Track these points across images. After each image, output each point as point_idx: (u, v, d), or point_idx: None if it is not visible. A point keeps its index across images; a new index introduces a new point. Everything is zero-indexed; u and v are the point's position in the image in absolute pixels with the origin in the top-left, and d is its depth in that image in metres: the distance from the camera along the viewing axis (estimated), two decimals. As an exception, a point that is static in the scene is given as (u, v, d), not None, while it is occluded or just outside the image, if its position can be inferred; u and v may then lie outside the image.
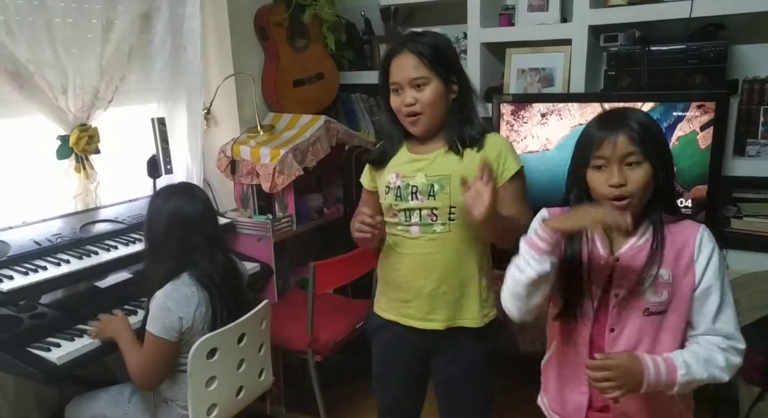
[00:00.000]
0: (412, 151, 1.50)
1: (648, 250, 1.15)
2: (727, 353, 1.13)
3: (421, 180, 1.45)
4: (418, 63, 1.40)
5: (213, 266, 1.67)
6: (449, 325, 1.50)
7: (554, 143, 2.36)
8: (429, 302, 1.49)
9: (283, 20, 2.60)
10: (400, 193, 1.48)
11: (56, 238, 1.93)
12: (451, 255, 1.46)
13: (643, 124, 1.14)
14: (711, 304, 1.13)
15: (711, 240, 1.15)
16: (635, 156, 1.13)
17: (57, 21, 1.96)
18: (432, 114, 1.42)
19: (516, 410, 2.44)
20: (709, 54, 2.12)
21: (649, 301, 1.15)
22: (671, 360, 1.12)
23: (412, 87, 1.41)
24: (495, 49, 2.62)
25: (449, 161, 1.45)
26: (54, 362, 1.61)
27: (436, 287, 1.47)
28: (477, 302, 1.49)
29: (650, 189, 1.15)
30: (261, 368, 1.90)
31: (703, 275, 1.14)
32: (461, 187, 1.32)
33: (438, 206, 1.44)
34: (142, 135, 2.36)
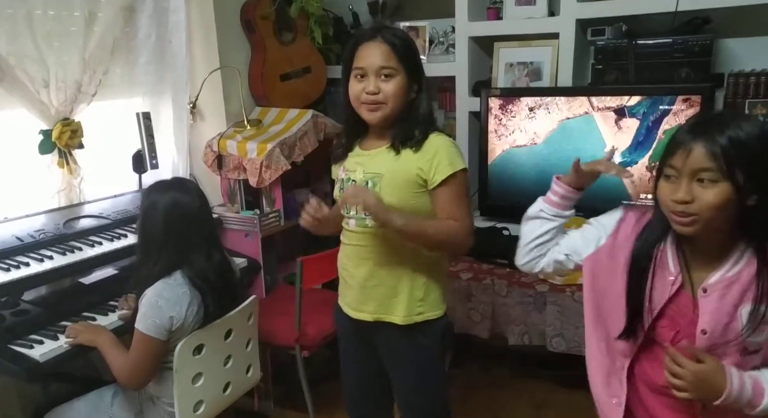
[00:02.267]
0: (363, 146, 1.51)
1: (744, 283, 1.02)
2: None
3: (359, 176, 1.47)
4: (390, 53, 1.38)
5: (209, 265, 1.65)
6: (377, 318, 1.50)
7: (542, 137, 2.37)
8: (361, 293, 1.51)
9: (269, 13, 2.58)
10: (343, 186, 1.50)
11: (39, 234, 1.91)
12: (383, 250, 1.46)
13: (735, 139, 0.96)
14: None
15: None
16: (710, 173, 0.97)
17: (38, 13, 1.93)
18: (393, 106, 1.41)
19: (508, 402, 2.45)
20: (695, 48, 2.13)
21: (747, 340, 1.02)
22: (760, 382, 1.02)
23: (377, 76, 1.39)
24: (483, 43, 2.62)
25: (386, 159, 1.44)
26: (37, 360, 1.59)
27: (367, 279, 1.49)
28: (407, 300, 1.47)
29: (728, 213, 0.99)
30: (248, 364, 1.89)
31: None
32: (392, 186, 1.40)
33: None
34: (127, 129, 2.33)
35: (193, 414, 1.68)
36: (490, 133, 2.47)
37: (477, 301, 2.22)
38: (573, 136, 2.30)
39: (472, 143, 2.62)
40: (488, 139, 2.48)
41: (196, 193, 1.68)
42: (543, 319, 2.09)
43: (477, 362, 2.73)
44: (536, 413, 2.38)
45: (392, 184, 1.42)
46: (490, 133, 2.47)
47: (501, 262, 2.30)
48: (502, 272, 2.23)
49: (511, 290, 2.15)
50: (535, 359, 2.61)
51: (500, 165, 2.48)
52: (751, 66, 2.18)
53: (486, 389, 2.54)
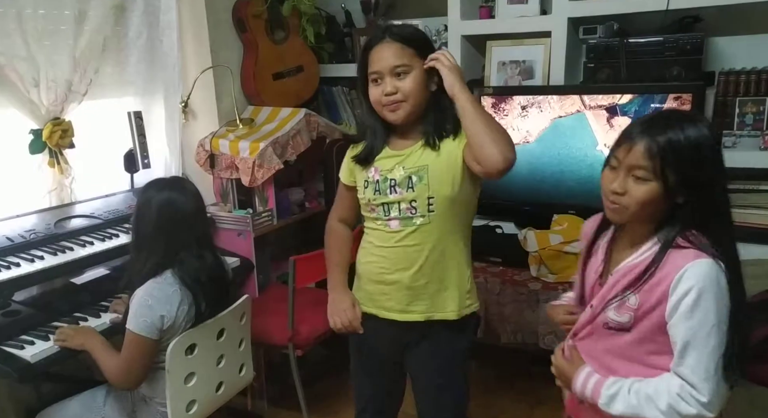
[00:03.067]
0: (391, 146, 1.49)
1: (636, 271, 1.10)
2: (678, 400, 1.04)
3: (399, 173, 1.44)
4: (401, 50, 1.37)
5: (202, 265, 1.64)
6: (428, 317, 1.49)
7: (534, 136, 2.37)
8: (409, 295, 1.48)
9: (261, 12, 2.57)
10: (379, 188, 1.47)
11: (30, 234, 1.90)
12: (431, 247, 1.45)
13: (674, 141, 1.02)
14: (677, 344, 1.05)
15: (697, 278, 1.02)
16: (642, 171, 1.04)
17: (28, 12, 1.92)
18: (413, 102, 1.40)
19: (502, 400, 2.46)
20: (686, 46, 2.14)
21: (608, 316, 1.13)
22: (600, 385, 1.12)
23: (393, 76, 1.38)
24: (475, 42, 2.62)
25: (426, 154, 1.44)
26: (28, 360, 1.58)
27: (416, 279, 1.46)
28: (457, 295, 1.49)
29: (654, 209, 1.06)
30: (241, 364, 1.89)
31: (672, 312, 1.05)
32: (440, 177, 1.38)
33: (416, 198, 1.43)
34: (119, 129, 2.32)
35: (186, 414, 1.67)
36: (483, 131, 2.47)
37: (470, 299, 2.22)
38: (565, 135, 2.31)
39: (465, 142, 2.62)
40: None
41: (191, 194, 1.67)
42: (536, 317, 2.10)
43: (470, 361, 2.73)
44: (530, 411, 2.38)
45: (439, 174, 1.41)
46: (483, 131, 2.47)
47: (494, 260, 2.30)
48: (495, 271, 2.24)
49: (504, 288, 2.16)
50: (528, 357, 2.61)
51: None
52: (741, 64, 2.19)
53: (479, 387, 2.54)
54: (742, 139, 2.12)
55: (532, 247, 2.15)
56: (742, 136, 2.12)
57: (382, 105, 1.41)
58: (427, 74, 1.40)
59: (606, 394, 1.11)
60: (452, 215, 1.45)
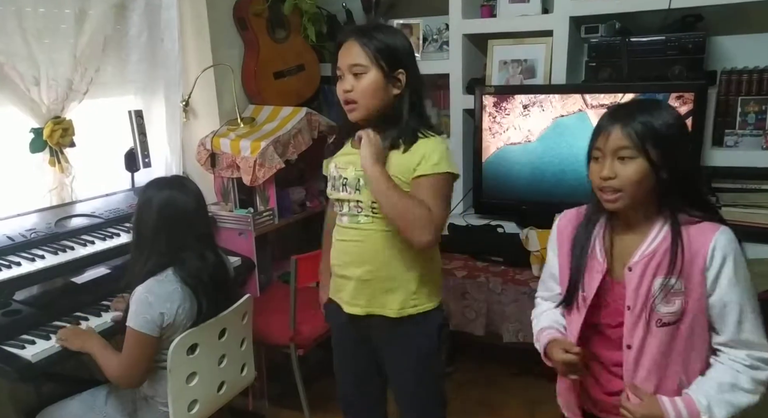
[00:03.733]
0: (353, 144, 1.51)
1: (659, 256, 1.11)
2: (753, 371, 1.08)
3: (351, 173, 1.47)
4: (360, 51, 1.40)
5: (203, 264, 1.64)
6: (369, 312, 1.50)
7: (536, 135, 2.37)
8: (355, 288, 1.51)
9: (262, 11, 2.56)
10: (335, 184, 1.52)
11: (30, 233, 1.89)
12: (377, 246, 1.46)
13: (647, 121, 1.09)
14: (730, 315, 1.08)
15: (726, 246, 1.08)
16: (627, 150, 1.10)
17: (28, 11, 1.91)
18: (366, 104, 1.41)
19: (504, 399, 2.46)
20: (688, 45, 2.14)
21: (660, 312, 1.11)
22: (692, 403, 1.09)
23: (352, 74, 1.41)
24: (477, 41, 2.62)
25: None
26: (29, 360, 1.58)
27: (361, 274, 1.49)
28: (402, 293, 1.48)
29: (648, 186, 1.11)
30: (243, 363, 1.88)
31: (715, 285, 1.08)
32: None
33: (362, 200, 1.45)
34: (119, 128, 2.32)
35: (188, 414, 1.67)
36: (485, 130, 2.47)
37: (472, 298, 2.22)
38: (567, 134, 2.31)
39: (467, 141, 2.62)
40: (482, 137, 2.48)
41: (192, 193, 1.67)
42: (537, 316, 2.09)
43: (472, 360, 2.73)
44: (531, 410, 2.38)
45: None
46: (485, 130, 2.47)
47: (495, 259, 2.30)
48: (497, 270, 2.24)
49: (505, 287, 2.15)
50: (530, 356, 2.61)
51: (494, 163, 2.48)
52: (743, 63, 2.19)
53: (481, 387, 2.54)
54: (744, 139, 2.12)
55: (534, 246, 2.15)
56: (744, 135, 2.12)
57: (342, 101, 1.45)
58: (386, 78, 1.41)
59: (703, 408, 1.08)
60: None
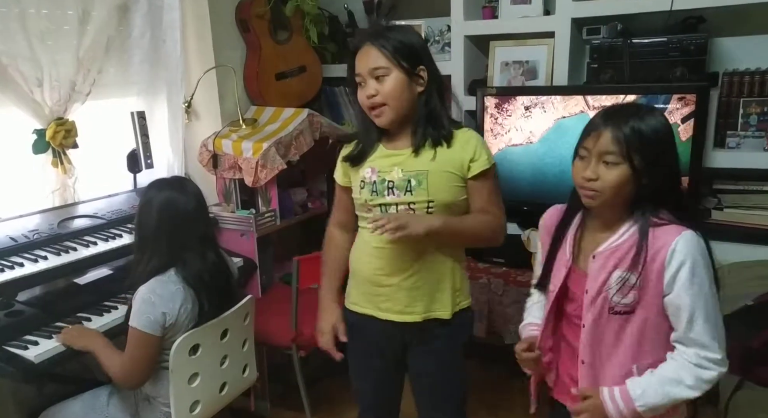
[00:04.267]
0: (387, 146, 1.49)
1: (623, 251, 1.16)
2: (699, 369, 1.13)
3: (397, 175, 1.45)
4: (378, 53, 1.39)
5: (204, 265, 1.65)
6: (426, 317, 1.50)
7: (538, 136, 2.37)
8: (407, 296, 1.48)
9: (264, 12, 2.57)
10: (376, 188, 1.46)
11: (33, 234, 1.90)
12: (428, 249, 1.46)
13: (637, 128, 1.12)
14: (682, 314, 1.13)
15: (685, 249, 1.12)
16: (613, 156, 1.13)
17: (31, 12, 1.92)
18: (395, 105, 1.40)
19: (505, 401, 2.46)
20: (690, 46, 2.13)
21: (613, 301, 1.17)
22: (626, 393, 1.15)
23: (373, 78, 1.40)
24: (479, 42, 2.62)
25: (424, 158, 1.44)
26: (31, 360, 1.58)
27: (413, 281, 1.47)
28: (450, 293, 1.50)
29: (626, 191, 1.15)
30: (245, 364, 1.89)
31: (672, 285, 1.13)
32: (438, 182, 1.42)
33: (416, 201, 1.44)
34: (122, 129, 2.32)
35: (190, 414, 1.67)
36: (486, 132, 2.47)
37: (473, 300, 2.20)
38: (568, 135, 2.30)
39: (468, 142, 2.62)
40: (484, 138, 2.47)
41: (192, 194, 1.67)
42: (539, 317, 2.09)
43: (473, 361, 2.72)
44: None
45: (438, 181, 1.43)
46: (486, 132, 2.47)
47: (497, 261, 2.30)
48: (499, 271, 2.24)
49: (507, 288, 2.15)
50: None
51: (496, 164, 2.47)
52: (745, 65, 2.19)
53: (482, 388, 2.54)
54: (746, 140, 2.12)
55: (535, 247, 2.14)
56: (746, 136, 2.12)
57: (368, 107, 1.43)
58: (409, 76, 1.41)
59: (636, 395, 1.14)
60: (452, 216, 1.46)
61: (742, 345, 1.71)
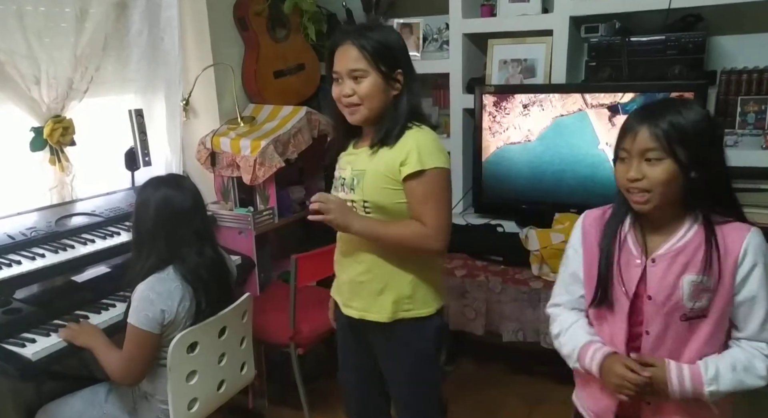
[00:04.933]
0: (355, 144, 1.53)
1: (689, 254, 1.12)
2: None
3: (348, 173, 1.48)
4: (359, 55, 1.39)
5: (201, 261, 1.65)
6: (362, 316, 1.50)
7: (536, 134, 2.37)
8: (349, 289, 1.52)
9: (262, 10, 2.56)
10: (335, 184, 1.54)
11: (31, 231, 1.89)
12: (370, 247, 1.46)
13: (675, 122, 1.08)
14: (757, 314, 1.11)
15: (758, 247, 1.10)
16: (654, 152, 1.09)
17: (29, 9, 1.91)
18: (370, 106, 1.41)
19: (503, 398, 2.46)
20: (688, 45, 2.14)
21: (687, 307, 1.12)
22: (698, 373, 1.11)
23: (351, 78, 1.40)
24: (477, 40, 2.62)
25: (368, 158, 1.45)
26: (29, 358, 1.58)
27: (357, 275, 1.49)
28: (394, 298, 1.46)
29: (677, 187, 1.10)
30: (243, 362, 1.88)
31: (745, 284, 1.11)
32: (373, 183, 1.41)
33: (355, 200, 1.45)
34: (120, 127, 2.32)
35: (188, 412, 1.67)
36: (484, 130, 2.47)
37: (471, 298, 2.22)
38: (567, 133, 2.31)
39: (466, 140, 2.62)
40: (482, 137, 2.48)
41: (189, 190, 1.67)
42: (537, 315, 2.10)
43: (471, 359, 2.74)
44: (530, 410, 2.38)
45: (372, 180, 1.43)
46: (484, 130, 2.47)
47: (495, 259, 2.30)
48: (497, 269, 2.24)
49: (505, 287, 2.16)
50: (530, 356, 2.61)
51: (494, 162, 2.48)
52: (743, 63, 2.19)
53: (480, 386, 2.54)
54: (744, 139, 2.12)
55: (534, 246, 2.15)
56: (744, 135, 2.12)
57: (343, 105, 1.45)
58: (385, 80, 1.41)
59: (708, 378, 1.11)
60: (391, 218, 1.44)
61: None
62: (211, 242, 1.74)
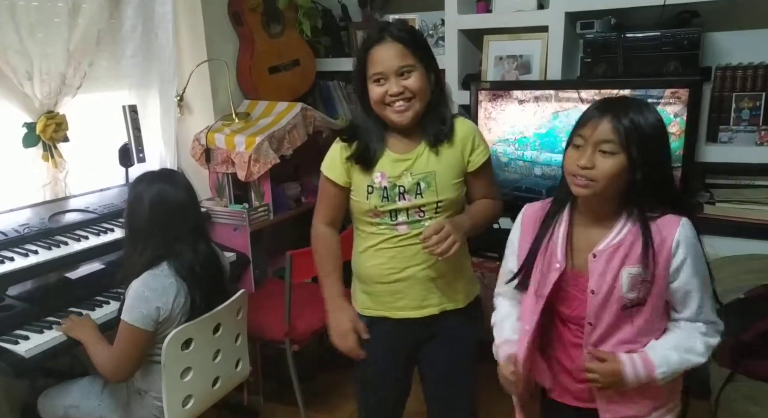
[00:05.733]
0: (394, 150, 1.44)
1: (626, 248, 1.17)
2: (707, 337, 1.19)
3: (407, 179, 1.43)
4: (404, 50, 1.35)
5: (195, 257, 1.65)
6: (442, 309, 1.51)
7: (532, 130, 2.37)
8: (423, 289, 1.49)
9: (257, 6, 2.55)
10: (387, 194, 1.43)
11: (24, 228, 1.88)
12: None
13: (636, 120, 1.12)
14: (692, 300, 1.17)
15: (690, 236, 1.16)
16: (610, 145, 1.12)
17: (21, 4, 1.90)
18: (420, 100, 1.39)
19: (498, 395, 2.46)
20: (683, 41, 2.14)
21: (626, 298, 1.17)
22: (648, 359, 1.17)
23: (398, 76, 1.36)
24: (472, 36, 2.61)
25: (431, 159, 1.44)
26: (22, 355, 1.58)
27: (428, 273, 1.48)
28: (464, 282, 1.54)
29: (621, 182, 1.14)
30: (237, 359, 1.88)
31: (679, 273, 1.16)
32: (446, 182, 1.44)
33: (426, 203, 1.44)
34: (113, 123, 2.31)
35: (182, 409, 1.67)
36: (480, 126, 2.47)
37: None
38: (562, 129, 2.31)
39: (462, 137, 2.62)
40: (478, 132, 2.47)
41: (182, 185, 1.67)
42: (532, 312, 2.10)
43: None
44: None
45: (445, 179, 1.44)
46: (480, 126, 2.47)
47: (491, 255, 2.30)
48: (492, 266, 2.24)
49: (500, 283, 2.16)
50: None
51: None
52: (738, 60, 2.19)
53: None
54: (738, 135, 2.12)
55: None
56: (739, 131, 2.12)
57: (386, 104, 1.38)
58: (427, 73, 1.40)
59: (658, 364, 1.17)
60: (455, 211, 1.50)
61: (733, 338, 1.72)
62: (205, 237, 1.73)
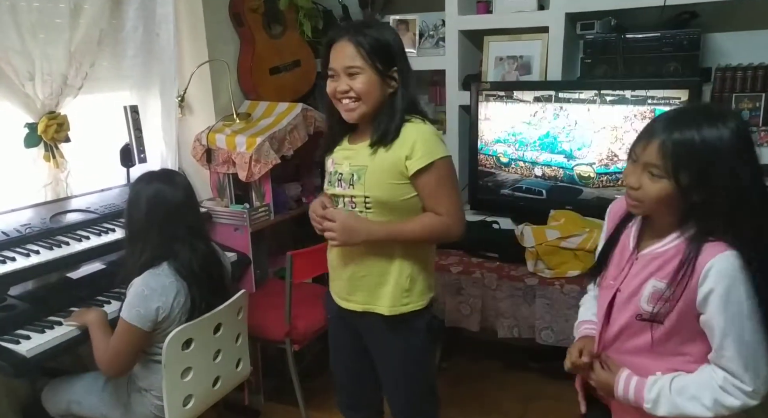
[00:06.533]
0: (350, 140, 1.53)
1: (663, 261, 1.12)
2: (722, 392, 1.06)
3: (346, 168, 1.48)
4: (354, 52, 1.39)
5: (194, 255, 1.65)
6: (366, 308, 1.52)
7: (532, 131, 2.37)
8: (349, 284, 1.53)
9: (258, 6, 2.56)
10: (331, 179, 1.53)
11: (25, 228, 1.89)
12: (367, 244, 1.47)
13: (688, 142, 1.02)
14: (714, 337, 1.07)
15: (723, 270, 1.04)
16: (656, 169, 1.06)
17: (23, 5, 1.90)
18: (367, 103, 1.42)
19: (498, 394, 2.47)
20: (683, 42, 2.14)
21: (641, 307, 1.14)
22: (642, 389, 1.13)
23: (347, 75, 1.41)
24: (473, 37, 2.62)
25: (369, 154, 1.45)
26: (23, 355, 1.58)
27: (355, 270, 1.51)
28: (393, 290, 1.49)
29: (669, 206, 1.08)
30: (238, 358, 1.89)
31: (706, 305, 1.06)
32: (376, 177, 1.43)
33: (356, 195, 1.46)
34: (115, 123, 2.31)
35: (183, 408, 1.67)
36: (480, 126, 2.47)
37: (467, 294, 2.22)
38: (562, 130, 2.31)
39: (462, 137, 2.62)
40: (478, 133, 2.48)
41: (181, 185, 1.68)
42: (532, 312, 2.10)
43: (466, 355, 2.74)
44: (525, 406, 2.39)
45: (375, 176, 1.43)
46: (480, 126, 2.47)
47: (491, 255, 2.31)
48: (492, 266, 2.24)
49: (500, 283, 2.16)
50: (525, 352, 2.62)
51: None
52: (738, 60, 2.20)
53: (475, 382, 2.55)
54: (739, 135, 2.12)
55: (529, 242, 2.15)
56: (739, 132, 2.12)
57: (337, 99, 1.45)
58: (380, 77, 1.41)
59: (648, 397, 1.12)
60: (391, 216, 1.46)
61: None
62: (204, 237, 1.74)
